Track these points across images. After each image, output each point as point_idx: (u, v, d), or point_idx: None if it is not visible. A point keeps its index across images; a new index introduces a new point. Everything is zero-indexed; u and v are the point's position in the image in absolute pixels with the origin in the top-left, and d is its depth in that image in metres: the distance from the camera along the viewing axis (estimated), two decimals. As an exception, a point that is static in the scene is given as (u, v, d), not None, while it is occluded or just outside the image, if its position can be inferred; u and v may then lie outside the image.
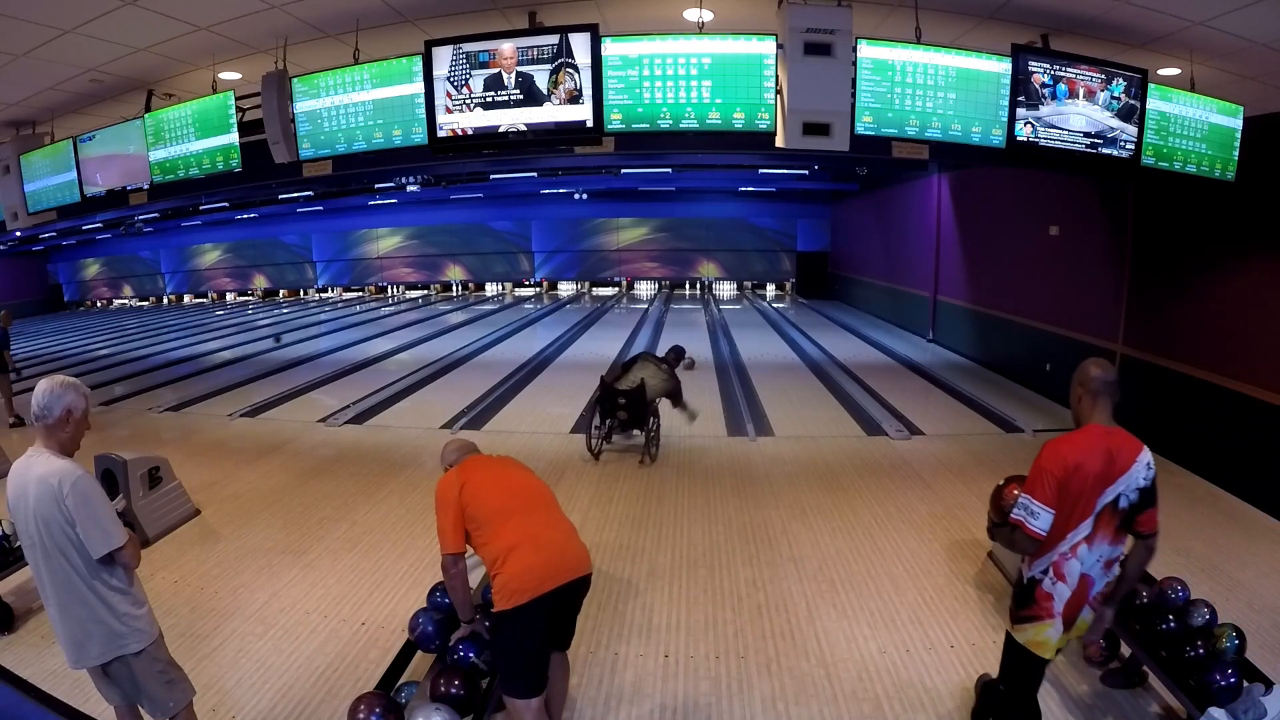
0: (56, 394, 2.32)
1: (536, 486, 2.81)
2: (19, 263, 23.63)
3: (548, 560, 2.52)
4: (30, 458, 2.33)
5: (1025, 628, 2.44)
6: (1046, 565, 2.39)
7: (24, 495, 2.29)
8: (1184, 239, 6.29)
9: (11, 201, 6.78)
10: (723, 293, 22.45)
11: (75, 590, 2.30)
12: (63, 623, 2.34)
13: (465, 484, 2.64)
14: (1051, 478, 2.29)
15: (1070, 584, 2.36)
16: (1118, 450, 2.31)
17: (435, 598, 3.24)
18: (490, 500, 2.63)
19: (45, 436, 2.33)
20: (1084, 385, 2.40)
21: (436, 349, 12.74)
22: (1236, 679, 2.70)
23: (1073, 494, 2.29)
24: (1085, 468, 2.28)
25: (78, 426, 2.37)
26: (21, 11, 4.15)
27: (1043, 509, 2.29)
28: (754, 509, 5.29)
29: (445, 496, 2.65)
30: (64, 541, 2.27)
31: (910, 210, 13.78)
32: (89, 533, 2.26)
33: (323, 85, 4.89)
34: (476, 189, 18.06)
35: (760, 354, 11.78)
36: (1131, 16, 4.23)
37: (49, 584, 2.32)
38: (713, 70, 4.35)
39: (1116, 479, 2.30)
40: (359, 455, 6.76)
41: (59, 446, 2.34)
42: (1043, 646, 2.42)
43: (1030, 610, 2.43)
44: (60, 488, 2.23)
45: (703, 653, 3.53)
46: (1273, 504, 5.10)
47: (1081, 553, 2.34)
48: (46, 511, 2.25)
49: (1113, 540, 2.37)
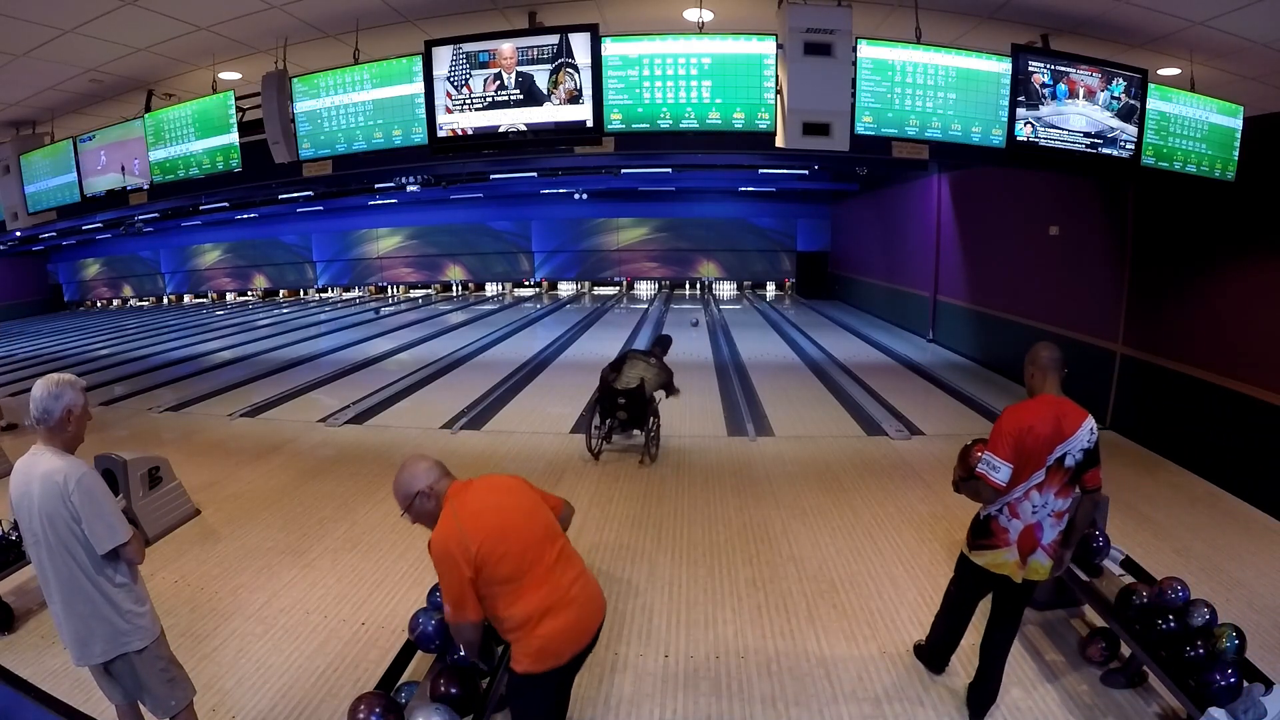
0: (54, 394, 2.33)
1: (543, 519, 2.38)
2: (19, 263, 23.62)
3: (580, 616, 2.30)
4: (34, 456, 2.34)
5: (983, 553, 2.92)
6: (1002, 505, 2.84)
7: (29, 493, 2.30)
8: (1184, 239, 6.29)
9: (11, 201, 6.78)
10: (723, 293, 22.45)
11: (80, 587, 2.32)
12: (67, 620, 2.35)
13: (480, 542, 2.17)
14: (1009, 437, 2.71)
15: (1023, 520, 2.81)
16: (1065, 416, 2.74)
17: (435, 598, 3.24)
18: (509, 558, 2.21)
19: (48, 437, 2.35)
20: (1036, 364, 2.83)
21: (436, 349, 12.74)
22: (1236, 679, 2.70)
23: (1026, 450, 2.71)
24: (1036, 429, 2.70)
25: (79, 424, 2.39)
26: (21, 11, 4.15)
27: (1003, 464, 2.72)
28: (754, 509, 5.29)
29: (450, 555, 2.16)
30: (69, 538, 2.28)
31: (910, 210, 13.78)
32: (94, 528, 2.27)
33: (323, 85, 4.90)
34: (476, 189, 18.06)
35: (760, 354, 11.78)
36: (1131, 16, 4.23)
37: (54, 581, 2.33)
38: (713, 70, 4.36)
39: (1064, 440, 2.72)
40: (359, 455, 6.76)
41: (62, 445, 2.36)
42: (1004, 567, 2.87)
43: (988, 540, 2.90)
44: (66, 484, 2.25)
45: (703, 653, 3.53)
46: (1273, 504, 5.10)
47: (1034, 496, 2.78)
48: (52, 508, 2.26)
49: (1059, 492, 2.78)
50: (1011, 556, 2.85)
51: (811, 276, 20.92)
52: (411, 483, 2.32)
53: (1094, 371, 7.36)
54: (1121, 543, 3.90)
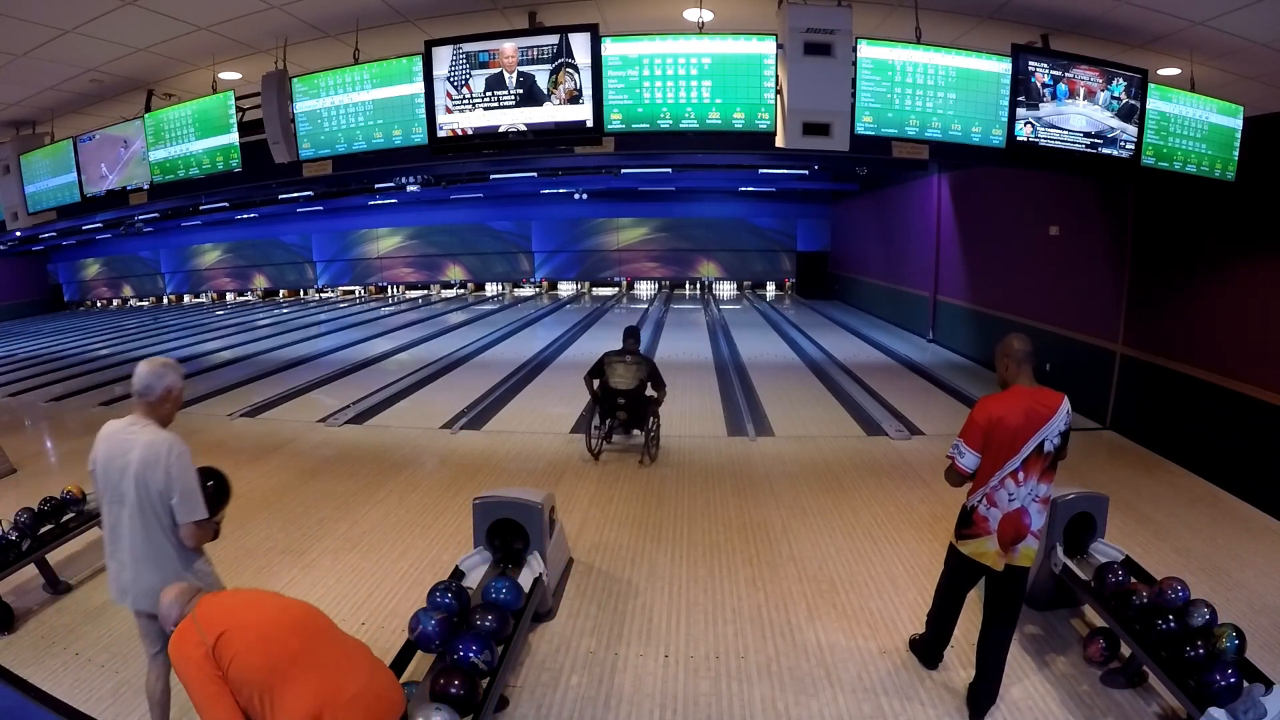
0: (158, 374, 2.60)
1: (304, 615, 2.16)
2: (19, 263, 23.60)
3: (367, 710, 2.01)
4: (132, 424, 2.60)
5: (968, 542, 3.02)
6: (981, 495, 2.94)
7: (124, 457, 2.54)
8: (1184, 239, 6.29)
9: (11, 201, 6.78)
10: (723, 293, 22.45)
11: (160, 546, 2.59)
12: (137, 572, 2.60)
13: (219, 638, 1.94)
14: (977, 427, 2.86)
15: (1001, 508, 2.89)
16: (1039, 405, 2.83)
17: (435, 598, 3.24)
18: (259, 656, 1.94)
19: (146, 411, 2.61)
20: (1009, 356, 2.92)
21: (436, 349, 12.74)
22: (1236, 679, 2.70)
23: (996, 441, 2.83)
24: (1006, 420, 2.81)
25: (175, 403, 2.68)
26: (21, 11, 4.15)
27: (969, 451, 2.89)
28: (754, 509, 5.29)
29: (188, 660, 1.94)
30: (159, 502, 2.54)
31: (910, 210, 13.78)
32: (181, 499, 2.54)
33: (323, 85, 4.89)
34: (476, 189, 18.06)
35: (760, 354, 11.78)
36: (1131, 16, 4.23)
37: (129, 538, 2.58)
38: (713, 70, 4.35)
39: (1039, 428, 2.80)
40: (359, 455, 6.76)
41: (159, 420, 2.62)
42: (985, 556, 2.96)
43: (970, 530, 3.00)
44: (169, 454, 2.52)
45: (703, 653, 3.53)
46: (1273, 504, 5.10)
47: (1010, 486, 2.86)
48: (150, 475, 2.51)
49: (1041, 478, 2.87)
50: (992, 545, 2.94)
51: (811, 276, 20.92)
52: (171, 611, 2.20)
53: (1094, 371, 7.37)
54: (1121, 543, 3.90)
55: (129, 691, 3.21)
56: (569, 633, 3.72)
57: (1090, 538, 3.84)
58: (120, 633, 3.70)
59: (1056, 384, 2.96)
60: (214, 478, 2.88)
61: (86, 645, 3.61)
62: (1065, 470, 2.84)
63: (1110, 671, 3.30)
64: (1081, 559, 3.77)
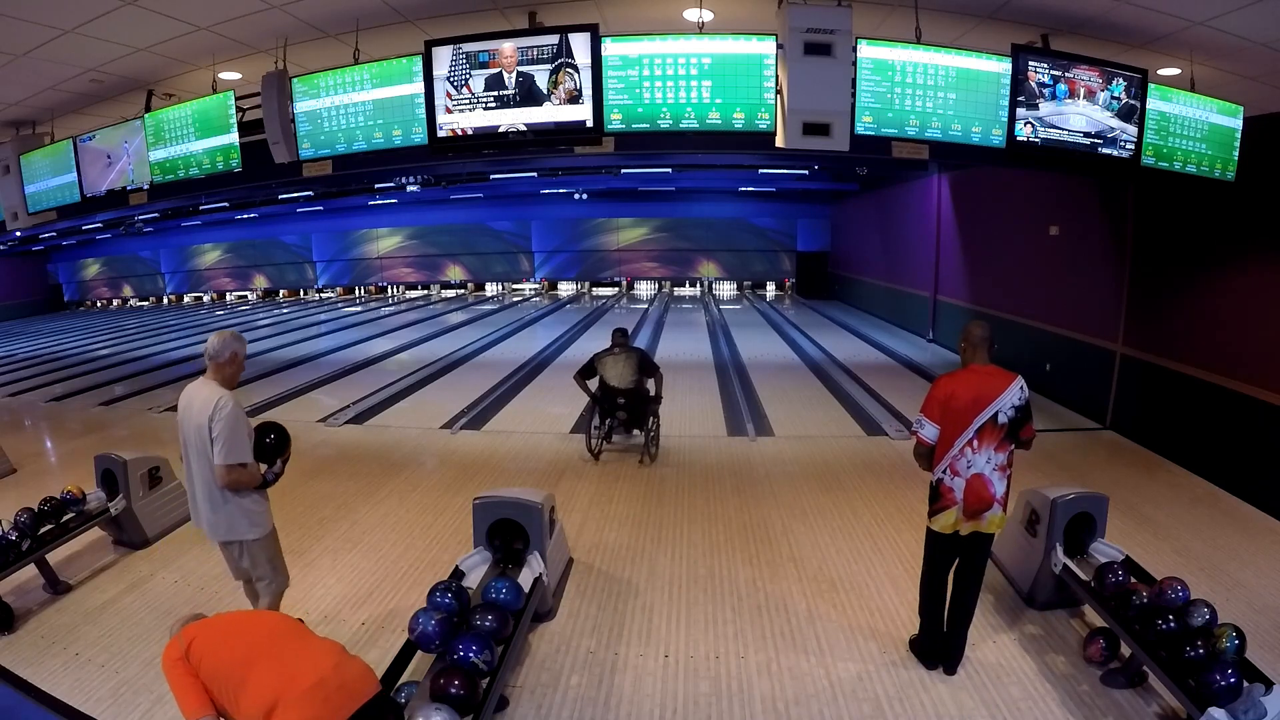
0: (227, 342, 3.18)
1: (276, 620, 2.40)
2: (19, 263, 23.62)
3: (324, 700, 2.06)
4: (201, 383, 3.15)
5: (938, 517, 3.24)
6: (945, 467, 3.18)
7: (190, 408, 3.09)
8: (1184, 239, 6.29)
9: (11, 201, 6.78)
10: (723, 293, 22.45)
11: (213, 485, 3.07)
12: (203, 507, 3.14)
13: (192, 641, 2.21)
14: (935, 401, 3.18)
15: (963, 476, 3.14)
16: (988, 381, 3.13)
17: (435, 598, 3.24)
18: (225, 651, 2.18)
19: (214, 372, 3.15)
20: (968, 340, 3.24)
21: (436, 349, 12.74)
22: (1236, 679, 2.70)
23: (952, 412, 3.13)
24: (958, 395, 3.13)
25: (238, 367, 3.24)
26: (21, 11, 4.14)
27: (929, 423, 3.19)
28: (754, 509, 5.29)
29: (168, 662, 2.22)
30: (208, 446, 3.02)
31: (910, 210, 13.78)
32: (219, 445, 2.99)
33: (323, 85, 4.89)
34: (476, 189, 18.06)
35: (760, 354, 11.78)
36: (1131, 16, 4.23)
37: (196, 478, 3.12)
38: (713, 70, 4.35)
39: (990, 402, 3.09)
40: (359, 455, 6.76)
41: (223, 380, 3.14)
42: (955, 525, 3.20)
43: (939, 504, 3.22)
44: (220, 407, 3.00)
45: (703, 653, 3.53)
46: (1273, 504, 5.10)
47: (968, 454, 3.13)
48: (201, 421, 3.01)
49: (998, 447, 3.13)
50: (960, 514, 3.18)
51: (811, 276, 20.93)
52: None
53: (1094, 371, 7.36)
54: (1121, 543, 3.90)
55: (129, 691, 3.21)
56: (569, 633, 3.72)
57: (1090, 538, 3.84)
58: (120, 633, 3.71)
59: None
60: (274, 431, 3.28)
61: (86, 645, 3.61)
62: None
63: (1110, 671, 3.30)
64: (1081, 559, 3.77)
